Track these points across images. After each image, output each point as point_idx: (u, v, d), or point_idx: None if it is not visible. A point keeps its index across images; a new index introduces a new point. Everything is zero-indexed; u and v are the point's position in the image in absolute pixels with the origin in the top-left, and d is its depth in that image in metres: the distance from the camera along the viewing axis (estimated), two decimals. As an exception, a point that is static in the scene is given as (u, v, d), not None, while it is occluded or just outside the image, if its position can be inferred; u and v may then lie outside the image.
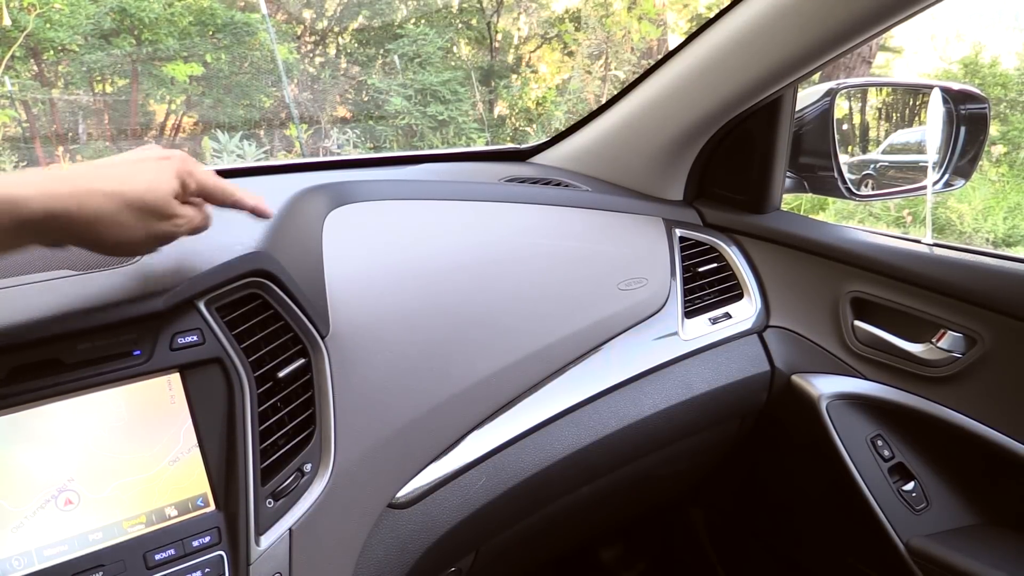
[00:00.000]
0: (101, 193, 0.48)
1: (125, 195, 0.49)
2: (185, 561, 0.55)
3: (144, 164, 0.52)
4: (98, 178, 0.49)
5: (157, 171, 0.52)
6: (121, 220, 0.49)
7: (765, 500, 1.15)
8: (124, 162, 0.52)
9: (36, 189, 0.45)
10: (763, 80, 0.89)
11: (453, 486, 0.71)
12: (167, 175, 0.52)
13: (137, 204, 0.50)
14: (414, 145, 6.79)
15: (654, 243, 0.98)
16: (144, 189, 0.50)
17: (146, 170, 0.52)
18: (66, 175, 0.48)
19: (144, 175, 0.51)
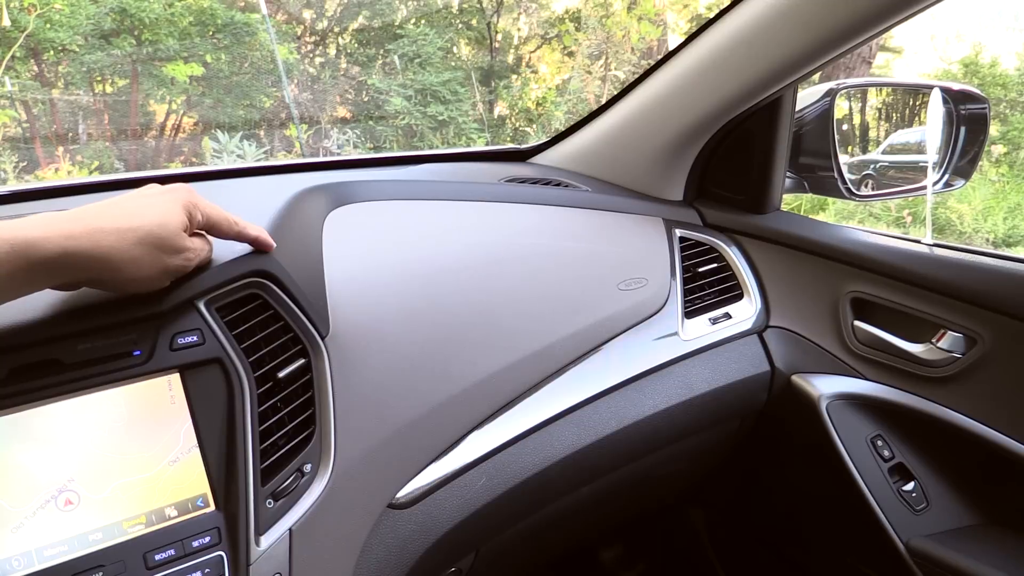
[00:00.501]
0: (114, 230, 0.48)
1: (137, 231, 0.49)
2: (185, 561, 0.55)
3: (151, 199, 0.53)
4: (109, 216, 0.49)
5: (165, 205, 0.52)
6: (135, 256, 0.50)
7: (765, 500, 1.15)
8: (131, 198, 0.53)
9: (50, 230, 0.46)
10: (763, 80, 0.89)
11: (453, 486, 0.71)
12: (175, 208, 0.53)
13: (149, 240, 0.50)
14: (414, 145, 6.79)
15: (654, 243, 0.98)
16: (155, 224, 0.51)
17: (154, 205, 0.52)
18: (77, 215, 0.48)
19: (153, 210, 0.52)
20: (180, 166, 5.52)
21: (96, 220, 0.48)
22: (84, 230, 0.47)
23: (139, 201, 0.52)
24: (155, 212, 0.52)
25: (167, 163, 6.47)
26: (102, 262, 0.48)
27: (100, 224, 0.48)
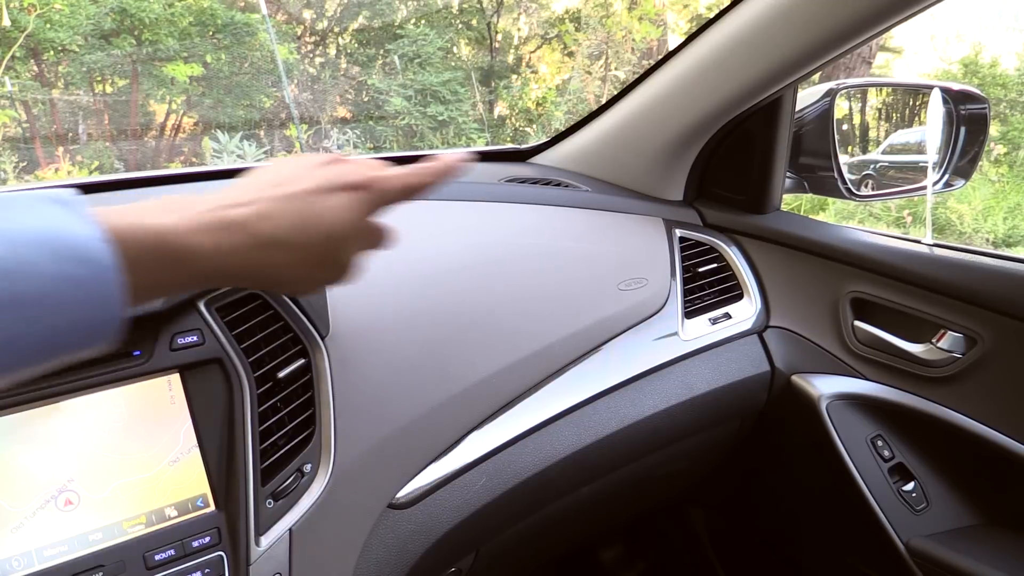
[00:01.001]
0: (286, 244, 0.42)
1: (311, 246, 0.43)
2: (185, 561, 0.55)
3: (332, 201, 0.44)
4: (284, 222, 0.42)
5: (340, 210, 0.45)
6: (303, 276, 0.44)
7: (765, 500, 1.15)
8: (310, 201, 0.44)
9: (210, 240, 0.39)
10: (763, 80, 0.89)
11: (453, 486, 0.71)
12: (354, 213, 0.45)
13: (323, 260, 0.45)
14: (414, 145, 6.79)
15: (654, 243, 0.98)
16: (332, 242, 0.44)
17: (328, 212, 0.44)
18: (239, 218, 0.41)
19: (332, 216, 0.44)
20: (180, 166, 5.52)
21: (267, 226, 0.41)
22: (253, 242, 0.41)
23: (318, 205, 0.44)
24: (328, 221, 0.44)
25: (167, 163, 6.46)
26: (266, 281, 0.44)
27: (273, 234, 0.42)
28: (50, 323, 0.33)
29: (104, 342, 0.36)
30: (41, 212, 0.33)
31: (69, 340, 0.34)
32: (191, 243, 0.38)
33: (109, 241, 0.34)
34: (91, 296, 0.34)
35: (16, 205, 0.33)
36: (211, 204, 0.41)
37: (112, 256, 0.34)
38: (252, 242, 0.41)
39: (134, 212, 0.37)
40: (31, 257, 0.32)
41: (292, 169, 0.46)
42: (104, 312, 0.34)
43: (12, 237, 0.32)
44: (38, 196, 0.34)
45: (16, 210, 0.33)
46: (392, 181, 0.48)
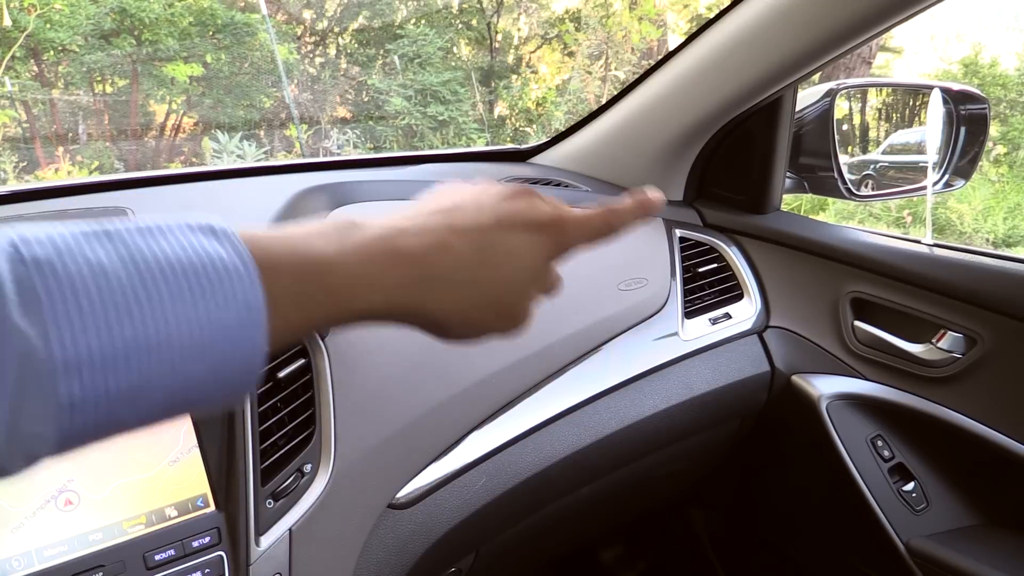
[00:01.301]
0: (459, 283, 0.37)
1: (485, 293, 0.38)
2: (185, 561, 0.55)
3: (509, 237, 0.39)
4: (461, 261, 0.37)
5: (525, 252, 0.39)
6: (472, 321, 0.39)
7: (765, 500, 1.15)
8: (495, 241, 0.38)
9: (374, 273, 0.34)
10: (763, 80, 0.89)
11: (453, 486, 0.71)
12: (538, 256, 0.40)
13: (498, 309, 0.39)
14: (414, 145, 6.79)
15: (654, 243, 0.98)
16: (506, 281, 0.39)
17: (512, 252, 0.39)
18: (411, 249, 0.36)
19: (509, 260, 0.39)
20: (180, 166, 5.53)
21: (443, 261, 0.36)
22: (423, 278, 0.36)
23: (501, 243, 0.39)
24: (517, 263, 0.39)
25: (167, 163, 6.47)
26: (429, 324, 0.38)
27: (449, 270, 0.37)
28: (183, 371, 0.28)
29: (238, 394, 0.31)
30: (187, 240, 0.29)
31: (200, 392, 0.29)
32: (351, 275, 0.33)
33: (258, 273, 0.30)
34: (232, 342, 0.29)
35: (161, 232, 0.29)
36: (377, 230, 0.36)
37: (262, 296, 0.30)
38: (423, 278, 0.36)
39: (288, 237, 0.33)
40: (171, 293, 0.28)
41: (472, 197, 0.40)
42: (243, 361, 0.30)
43: (150, 270, 0.28)
44: (183, 222, 0.31)
45: (160, 237, 0.29)
46: (582, 223, 0.42)
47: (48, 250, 0.26)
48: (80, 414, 0.26)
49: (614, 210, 0.44)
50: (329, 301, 0.33)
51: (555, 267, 0.43)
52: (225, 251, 0.30)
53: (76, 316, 0.25)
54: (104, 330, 0.26)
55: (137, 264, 0.27)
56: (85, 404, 0.26)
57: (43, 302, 0.25)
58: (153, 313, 0.27)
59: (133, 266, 0.27)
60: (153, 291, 0.27)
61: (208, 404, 0.30)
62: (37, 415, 0.25)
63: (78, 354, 0.25)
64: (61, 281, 0.25)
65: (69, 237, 0.27)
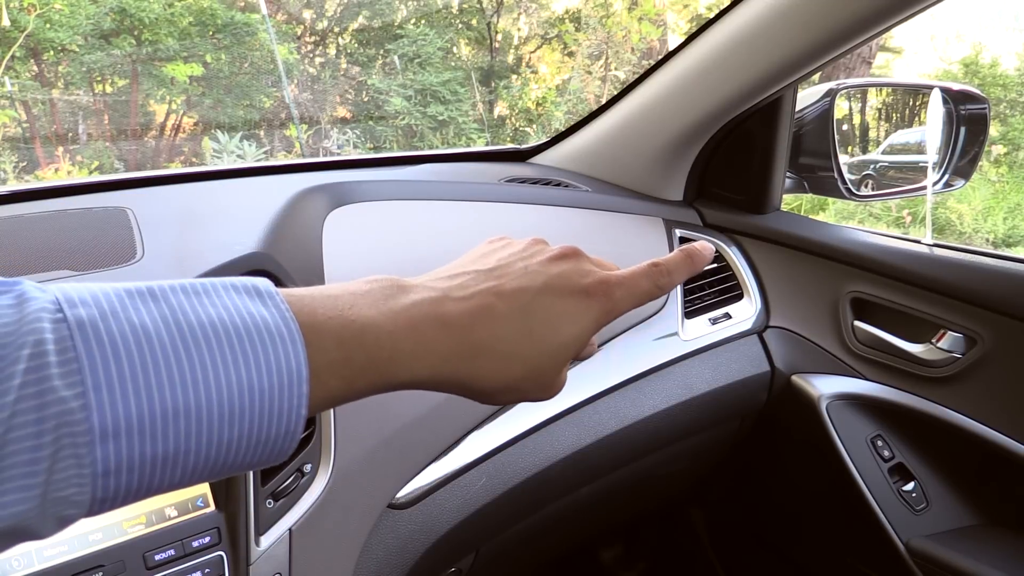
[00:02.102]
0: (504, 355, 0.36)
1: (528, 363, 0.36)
2: (185, 561, 0.55)
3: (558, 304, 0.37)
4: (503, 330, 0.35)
5: (574, 321, 0.38)
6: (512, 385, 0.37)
7: (765, 500, 1.15)
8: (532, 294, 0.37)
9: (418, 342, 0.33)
10: (763, 80, 0.89)
11: (453, 486, 0.71)
12: (586, 325, 0.38)
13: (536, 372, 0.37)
14: (414, 145, 6.80)
15: (654, 243, 0.98)
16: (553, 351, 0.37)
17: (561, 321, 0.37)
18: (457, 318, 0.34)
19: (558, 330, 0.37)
20: (180, 166, 5.53)
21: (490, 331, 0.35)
22: (469, 349, 0.34)
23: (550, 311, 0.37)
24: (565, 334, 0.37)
25: (167, 163, 6.47)
26: (467, 391, 0.36)
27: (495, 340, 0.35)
28: (220, 437, 0.27)
29: (272, 461, 0.30)
30: (232, 302, 0.29)
31: (236, 457, 0.28)
32: (396, 345, 0.32)
33: (302, 340, 0.29)
34: (272, 410, 0.28)
35: (201, 292, 0.29)
36: (422, 294, 0.35)
37: (304, 363, 0.29)
38: (468, 350, 0.34)
39: (333, 300, 0.32)
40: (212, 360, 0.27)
41: (518, 256, 0.39)
42: (280, 427, 0.29)
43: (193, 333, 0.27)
44: (228, 283, 0.30)
45: (200, 298, 0.29)
46: (630, 285, 0.40)
47: (92, 311, 0.26)
48: (114, 479, 0.25)
49: (662, 267, 0.42)
50: (372, 371, 0.32)
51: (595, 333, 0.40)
52: (270, 314, 0.29)
53: (116, 381, 0.25)
54: (144, 396, 0.25)
55: (181, 327, 0.27)
56: (120, 470, 0.25)
57: (84, 366, 0.25)
58: (194, 378, 0.27)
59: (176, 329, 0.27)
60: (195, 356, 0.27)
61: (241, 469, 0.30)
62: (71, 480, 0.24)
63: (116, 420, 0.25)
64: (103, 344, 0.25)
65: (114, 297, 0.27)
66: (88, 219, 0.70)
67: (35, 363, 0.24)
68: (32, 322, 0.24)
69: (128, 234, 0.67)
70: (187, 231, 0.70)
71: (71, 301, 0.26)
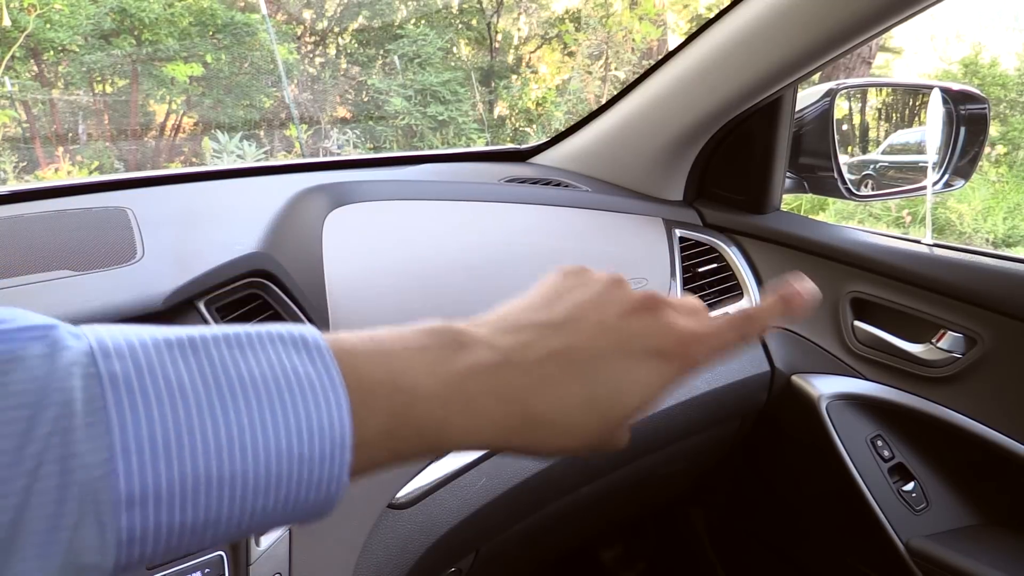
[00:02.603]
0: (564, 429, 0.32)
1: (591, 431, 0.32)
2: (185, 561, 0.55)
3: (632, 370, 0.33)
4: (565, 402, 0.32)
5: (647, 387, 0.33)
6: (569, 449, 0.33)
7: (765, 500, 1.15)
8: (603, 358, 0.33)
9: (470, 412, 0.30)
10: (763, 80, 0.89)
11: (453, 487, 0.70)
12: (659, 389, 0.34)
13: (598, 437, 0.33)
14: (414, 145, 6.80)
15: (654, 243, 0.98)
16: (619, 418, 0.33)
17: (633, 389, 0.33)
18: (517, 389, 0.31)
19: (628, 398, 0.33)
20: (180, 166, 5.53)
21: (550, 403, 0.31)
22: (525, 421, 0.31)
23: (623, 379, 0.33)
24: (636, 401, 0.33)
25: (167, 163, 6.47)
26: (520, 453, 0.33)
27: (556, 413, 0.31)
28: (255, 505, 0.25)
29: (308, 523, 0.28)
30: (277, 357, 0.26)
31: (269, 521, 0.26)
32: (446, 418, 0.29)
33: (349, 411, 0.27)
34: (311, 478, 0.26)
35: (251, 344, 0.26)
36: (483, 355, 0.31)
37: (349, 433, 0.26)
38: (526, 424, 0.31)
39: (384, 356, 0.29)
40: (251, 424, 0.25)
41: (593, 305, 0.35)
42: (319, 495, 0.27)
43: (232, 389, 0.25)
44: (275, 332, 0.27)
45: (249, 351, 0.26)
46: (713, 342, 0.35)
47: (127, 365, 0.24)
48: (139, 546, 0.24)
49: (753, 317, 0.36)
50: (419, 441, 0.29)
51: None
52: (316, 373, 0.27)
53: (147, 444, 0.23)
54: (176, 461, 0.24)
55: (220, 385, 0.25)
56: (146, 538, 0.24)
57: (114, 427, 0.23)
58: (231, 443, 0.24)
59: (216, 388, 0.25)
60: (233, 418, 0.25)
61: (272, 529, 0.28)
62: (92, 548, 0.23)
63: (144, 487, 0.23)
64: (136, 404, 0.23)
65: (152, 349, 0.25)
66: (88, 219, 0.70)
67: (61, 425, 0.22)
68: (63, 378, 0.23)
69: (128, 234, 0.67)
70: (187, 231, 0.70)
71: (106, 351, 0.24)
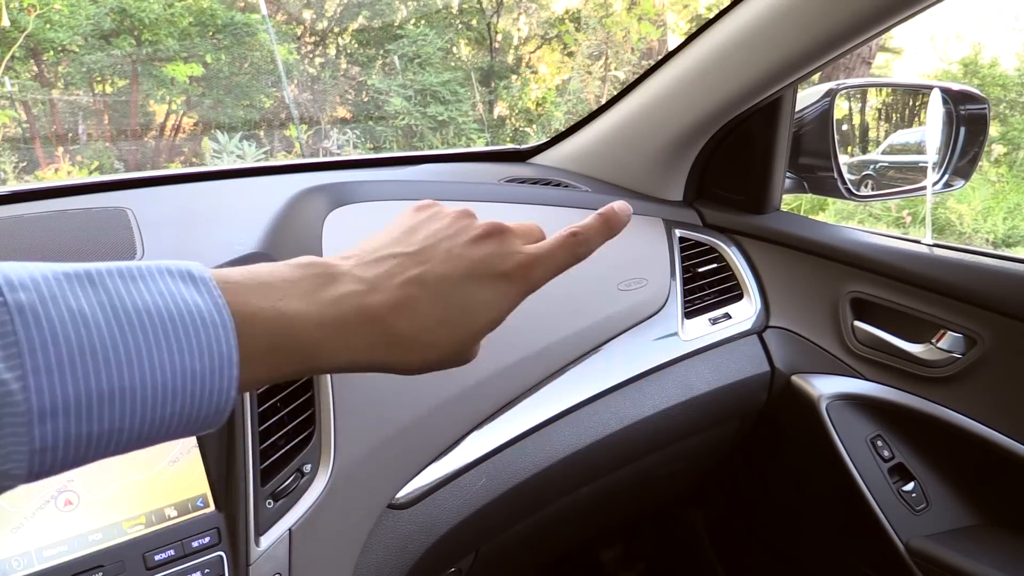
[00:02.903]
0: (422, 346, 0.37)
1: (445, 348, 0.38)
2: (185, 562, 0.55)
3: (478, 290, 0.39)
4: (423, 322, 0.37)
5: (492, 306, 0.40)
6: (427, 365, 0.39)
7: (765, 500, 1.15)
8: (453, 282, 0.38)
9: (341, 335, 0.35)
10: (763, 80, 0.89)
11: (453, 486, 0.71)
12: (503, 309, 0.40)
13: (453, 354, 0.39)
14: (414, 145, 6.79)
15: (654, 243, 0.98)
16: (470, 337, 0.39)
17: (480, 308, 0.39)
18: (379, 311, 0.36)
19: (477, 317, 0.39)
20: (180, 166, 5.53)
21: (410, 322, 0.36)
22: (390, 340, 0.36)
23: (470, 298, 0.39)
24: (483, 319, 0.39)
25: (167, 163, 6.47)
26: (383, 370, 0.38)
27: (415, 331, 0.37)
28: (153, 415, 0.29)
29: (202, 432, 0.33)
30: (164, 288, 0.30)
31: (168, 431, 0.31)
32: (322, 337, 0.34)
33: (234, 330, 0.31)
34: (204, 390, 0.30)
35: (138, 277, 0.30)
36: (349, 286, 0.36)
37: (235, 350, 0.31)
38: (389, 341, 0.36)
39: (264, 287, 0.33)
40: (147, 344, 0.29)
41: (444, 235, 0.41)
42: (213, 407, 0.31)
43: (129, 319, 0.28)
44: (164, 267, 0.31)
45: (137, 283, 0.30)
46: (549, 261, 0.42)
47: (32, 296, 0.27)
48: (51, 455, 0.27)
49: (580, 236, 0.43)
50: (298, 358, 0.34)
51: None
52: (203, 301, 0.30)
53: (55, 365, 0.26)
54: (81, 379, 0.27)
55: (117, 313, 0.28)
56: (56, 447, 0.27)
57: (24, 350, 0.26)
58: (129, 362, 0.28)
59: (113, 315, 0.28)
60: (131, 341, 0.28)
61: (171, 439, 0.32)
62: (10, 455, 0.26)
63: (53, 402, 0.26)
64: (43, 329, 0.26)
65: (53, 281, 0.28)
66: (88, 219, 0.70)
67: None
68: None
69: (128, 234, 0.67)
70: (187, 231, 0.70)
71: (11, 284, 0.26)
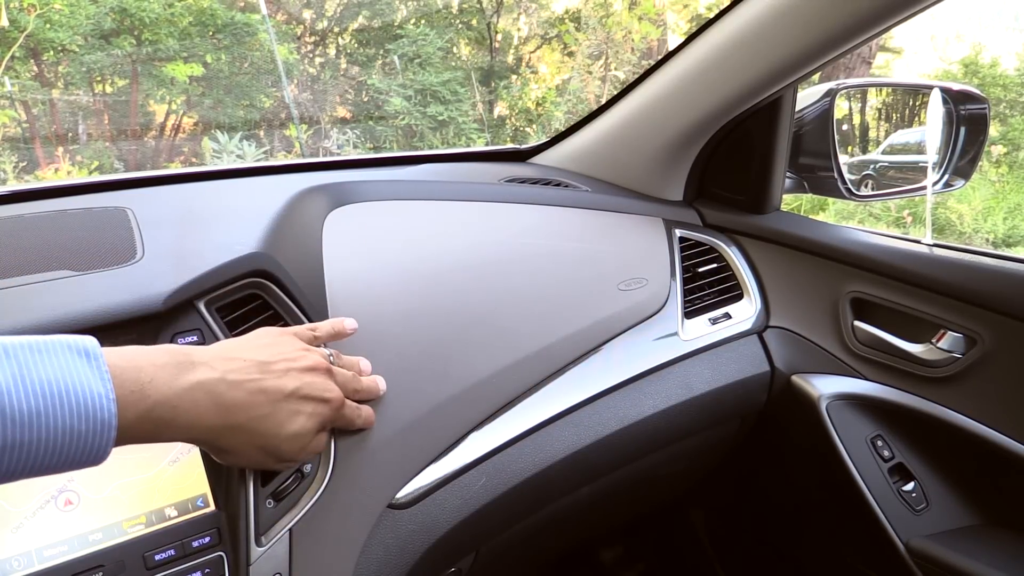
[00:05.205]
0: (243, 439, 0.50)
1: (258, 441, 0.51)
2: (185, 562, 0.55)
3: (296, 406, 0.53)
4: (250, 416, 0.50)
5: (303, 421, 0.53)
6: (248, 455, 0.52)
7: (765, 500, 1.15)
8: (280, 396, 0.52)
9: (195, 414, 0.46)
10: (763, 80, 0.89)
11: (453, 486, 0.70)
12: (312, 427, 0.54)
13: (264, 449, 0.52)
14: (414, 145, 6.80)
15: (654, 243, 0.98)
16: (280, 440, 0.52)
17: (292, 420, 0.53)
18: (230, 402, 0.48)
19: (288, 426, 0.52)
20: (180, 166, 5.53)
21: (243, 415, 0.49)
22: (225, 424, 0.48)
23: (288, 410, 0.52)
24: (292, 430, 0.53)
25: (167, 163, 6.47)
26: (216, 452, 0.52)
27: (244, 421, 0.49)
28: (42, 463, 0.39)
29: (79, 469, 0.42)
30: (65, 363, 0.39)
31: (52, 471, 0.40)
32: (175, 417, 0.45)
33: (115, 402, 0.41)
34: (85, 447, 0.40)
35: (45, 352, 0.39)
36: (205, 375, 0.47)
37: (115, 416, 0.41)
38: (230, 427, 0.48)
39: (136, 375, 0.43)
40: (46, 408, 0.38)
41: (284, 356, 0.53)
42: (91, 458, 0.41)
43: (34, 388, 0.38)
44: (66, 343, 0.40)
45: (44, 357, 0.39)
46: (358, 416, 0.61)
47: None
48: None
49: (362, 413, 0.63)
50: (157, 432, 0.45)
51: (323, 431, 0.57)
52: (95, 379, 0.40)
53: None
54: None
55: (26, 384, 0.38)
56: None
57: None
58: (29, 424, 0.37)
59: (23, 385, 0.37)
60: (33, 407, 0.37)
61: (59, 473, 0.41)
62: None
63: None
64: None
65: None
66: (88, 219, 0.70)
67: None
68: None
69: (128, 234, 0.67)
70: (187, 231, 0.70)
71: None
